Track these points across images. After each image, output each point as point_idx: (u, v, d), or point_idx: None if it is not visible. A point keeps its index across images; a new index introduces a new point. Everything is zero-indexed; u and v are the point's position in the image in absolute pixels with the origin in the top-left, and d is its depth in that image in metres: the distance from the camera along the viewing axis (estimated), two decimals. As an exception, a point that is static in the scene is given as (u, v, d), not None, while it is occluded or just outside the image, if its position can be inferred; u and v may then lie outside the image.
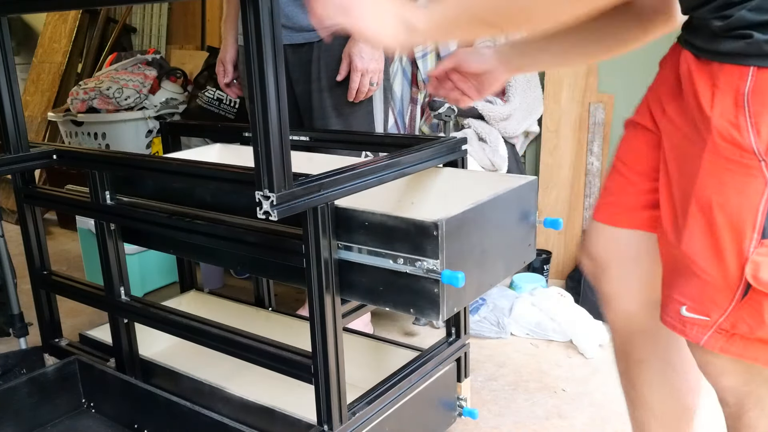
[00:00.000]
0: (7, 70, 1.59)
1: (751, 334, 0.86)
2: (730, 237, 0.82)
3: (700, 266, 0.88)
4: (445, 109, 2.20)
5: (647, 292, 1.13)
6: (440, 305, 1.12)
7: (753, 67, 0.77)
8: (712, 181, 0.83)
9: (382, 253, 1.16)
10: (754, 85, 0.78)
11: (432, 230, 1.09)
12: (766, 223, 0.79)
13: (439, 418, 1.58)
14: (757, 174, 0.79)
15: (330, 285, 1.20)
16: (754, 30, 0.76)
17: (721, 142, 0.81)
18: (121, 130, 3.08)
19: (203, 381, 1.53)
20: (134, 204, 1.53)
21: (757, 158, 0.78)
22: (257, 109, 1.04)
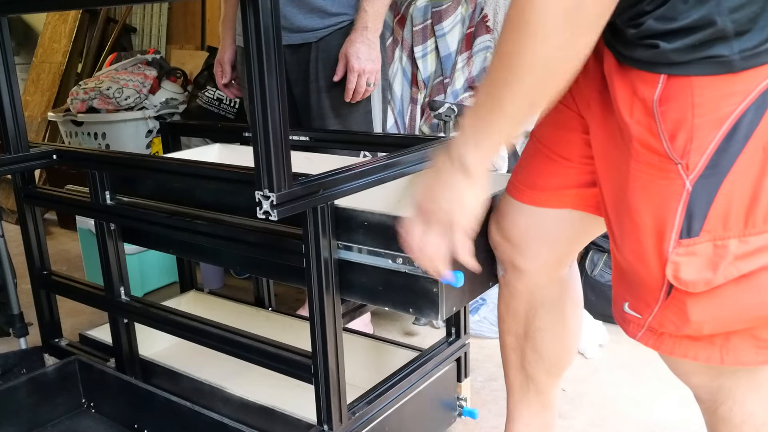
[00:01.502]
0: (7, 70, 1.59)
1: (677, 332, 0.88)
2: (653, 239, 0.84)
3: (633, 266, 0.90)
4: (445, 109, 2.20)
5: (559, 265, 1.18)
6: (439, 305, 1.12)
7: (663, 75, 0.79)
8: (637, 185, 0.85)
9: (382, 253, 1.16)
10: (663, 91, 0.79)
11: None
12: (684, 223, 0.81)
13: (439, 417, 1.58)
14: (675, 177, 0.81)
15: (330, 285, 1.20)
16: (660, 39, 0.77)
17: (640, 148, 0.83)
18: (121, 130, 3.08)
19: (203, 381, 1.53)
20: (134, 204, 1.53)
21: (673, 162, 0.80)
22: (257, 109, 1.04)
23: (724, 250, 0.80)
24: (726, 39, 0.75)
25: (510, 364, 1.33)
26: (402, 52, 2.57)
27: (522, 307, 1.24)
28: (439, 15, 2.49)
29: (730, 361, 0.89)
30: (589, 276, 2.27)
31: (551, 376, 1.32)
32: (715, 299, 0.83)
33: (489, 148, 0.87)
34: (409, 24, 2.55)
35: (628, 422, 1.72)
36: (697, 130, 0.78)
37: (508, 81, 0.80)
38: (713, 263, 0.81)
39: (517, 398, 1.36)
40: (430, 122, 2.48)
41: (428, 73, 2.54)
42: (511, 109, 0.82)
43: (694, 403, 1.25)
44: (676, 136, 0.80)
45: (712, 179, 0.79)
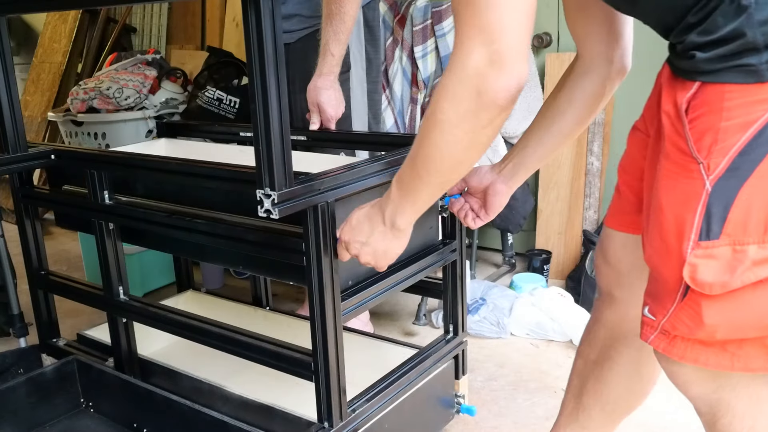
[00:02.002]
0: (5, 70, 1.59)
1: (690, 335, 0.88)
2: (675, 239, 0.86)
3: (655, 266, 0.92)
4: (445, 109, 2.20)
5: None
6: None
7: (698, 82, 0.83)
8: (664, 184, 0.88)
9: None
10: (696, 95, 0.84)
11: None
12: (703, 225, 0.83)
13: (438, 414, 1.59)
14: (696, 176, 0.83)
15: (330, 283, 1.20)
16: (697, 50, 0.83)
17: (670, 147, 0.87)
18: (121, 130, 3.08)
19: (202, 380, 1.53)
20: (133, 203, 1.53)
21: (696, 161, 0.83)
22: (258, 109, 1.04)
23: (743, 254, 0.81)
24: (756, 50, 0.78)
25: (570, 388, 1.35)
26: (402, 52, 2.57)
27: (603, 333, 1.26)
28: (439, 15, 2.49)
29: (739, 368, 0.89)
30: (589, 276, 2.26)
31: (604, 416, 1.31)
32: (731, 303, 0.83)
33: (413, 212, 1.04)
34: (409, 24, 2.55)
35: (628, 422, 1.71)
36: (723, 132, 0.81)
37: (423, 161, 0.95)
38: (731, 267, 0.82)
39: (562, 424, 1.37)
40: (430, 122, 2.48)
41: (428, 73, 2.54)
42: (426, 185, 0.98)
43: (694, 402, 1.26)
44: (702, 137, 0.82)
45: (731, 182, 0.81)
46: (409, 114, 2.56)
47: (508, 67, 0.82)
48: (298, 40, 1.92)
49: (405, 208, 1.03)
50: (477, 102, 0.84)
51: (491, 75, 0.82)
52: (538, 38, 2.60)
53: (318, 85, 1.77)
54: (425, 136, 0.93)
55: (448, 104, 0.87)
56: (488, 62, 0.82)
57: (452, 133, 0.89)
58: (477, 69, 0.82)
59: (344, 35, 1.75)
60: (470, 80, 0.83)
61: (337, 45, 1.75)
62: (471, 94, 0.84)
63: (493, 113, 0.85)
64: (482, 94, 0.83)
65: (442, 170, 0.95)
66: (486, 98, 0.84)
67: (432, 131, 0.91)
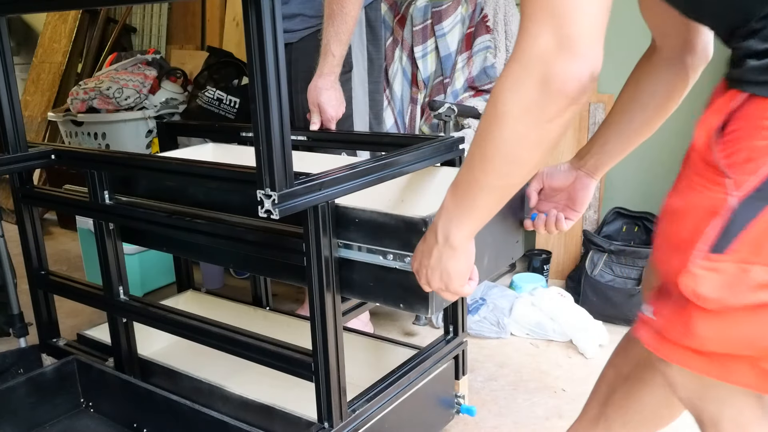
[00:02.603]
0: (5, 70, 1.59)
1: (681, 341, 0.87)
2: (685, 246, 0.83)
3: (661, 269, 0.90)
4: (445, 109, 2.20)
5: None
6: (429, 300, 1.14)
7: (745, 94, 0.79)
8: (684, 192, 0.85)
9: (374, 250, 1.17)
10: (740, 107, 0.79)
11: (420, 226, 1.10)
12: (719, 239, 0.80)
13: (438, 415, 1.59)
14: (719, 190, 0.80)
15: (330, 283, 1.20)
16: (752, 57, 0.78)
17: (695, 154, 0.84)
18: (121, 130, 3.08)
19: (202, 380, 1.53)
20: (133, 203, 1.53)
21: (723, 175, 0.80)
22: (259, 109, 1.04)
23: (746, 274, 0.78)
24: None
25: (595, 394, 1.32)
26: (402, 52, 2.57)
27: (640, 352, 1.21)
28: (439, 15, 2.49)
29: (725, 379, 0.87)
30: (589, 276, 2.27)
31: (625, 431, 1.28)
32: (725, 321, 0.81)
33: (470, 224, 0.93)
34: (409, 24, 2.55)
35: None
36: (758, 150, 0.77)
37: (480, 162, 0.85)
38: (732, 285, 0.79)
39: (581, 428, 1.34)
40: (430, 122, 2.48)
41: (428, 73, 2.54)
42: (484, 190, 0.88)
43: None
44: (736, 152, 0.79)
45: (756, 203, 0.77)
46: (409, 114, 2.56)
47: (579, 53, 0.74)
48: (301, 39, 1.92)
49: (461, 219, 0.93)
50: (543, 92, 0.76)
51: (560, 61, 0.74)
52: (538, 38, 2.60)
53: (318, 86, 1.77)
54: (483, 133, 0.84)
55: (510, 94, 0.78)
56: (557, 47, 0.74)
57: (514, 129, 0.80)
58: (543, 54, 0.75)
59: (345, 35, 1.75)
60: (536, 67, 0.75)
61: (338, 45, 1.75)
62: (536, 83, 0.76)
63: (561, 105, 0.76)
64: (549, 82, 0.75)
65: (503, 172, 0.85)
66: (553, 87, 0.75)
67: (491, 126, 0.82)
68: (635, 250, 2.25)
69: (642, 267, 2.21)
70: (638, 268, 2.22)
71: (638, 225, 2.46)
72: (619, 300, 2.20)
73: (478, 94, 2.47)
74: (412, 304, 1.16)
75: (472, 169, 0.88)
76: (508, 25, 2.49)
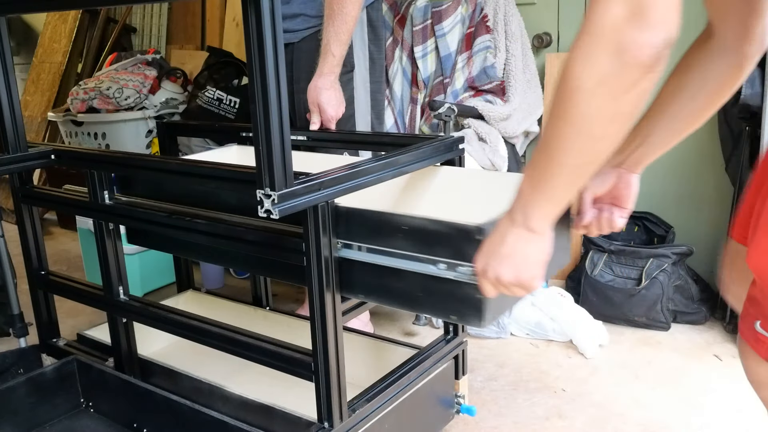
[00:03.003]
0: (5, 70, 1.59)
1: None
2: None
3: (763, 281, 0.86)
4: (445, 109, 2.20)
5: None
6: (483, 310, 1.08)
7: None
8: None
9: (423, 259, 1.12)
10: None
11: (475, 234, 1.04)
12: None
13: (438, 414, 1.59)
14: None
15: (330, 283, 1.20)
16: None
17: None
18: (121, 130, 3.08)
19: (202, 380, 1.53)
20: (133, 203, 1.53)
21: None
22: (259, 109, 1.04)
23: None
24: None
25: None
26: (402, 52, 2.57)
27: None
28: (439, 15, 2.49)
29: None
30: (589, 276, 2.26)
31: None
32: None
33: (549, 206, 0.89)
34: (409, 24, 2.55)
35: (628, 422, 1.72)
36: None
37: (556, 141, 0.82)
38: None
39: None
40: (430, 122, 2.48)
41: (428, 73, 2.54)
42: (562, 170, 0.84)
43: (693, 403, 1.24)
44: None
45: None
46: (409, 114, 2.56)
47: (652, 20, 0.72)
48: (302, 39, 1.92)
49: (539, 202, 0.88)
50: (617, 62, 0.74)
51: (632, 29, 0.72)
52: (538, 38, 2.60)
53: (318, 85, 1.77)
54: (557, 110, 0.81)
55: (582, 68, 0.76)
56: (629, 15, 0.72)
57: (589, 103, 0.77)
58: (615, 24, 0.73)
59: (345, 35, 1.75)
60: (608, 37, 0.73)
61: (338, 45, 1.75)
62: (609, 53, 0.74)
63: (636, 74, 0.74)
64: (622, 51, 0.73)
65: (580, 150, 0.82)
66: (627, 56, 0.73)
67: (565, 103, 0.79)
68: (635, 250, 2.25)
69: (642, 267, 2.21)
70: (638, 268, 2.22)
71: (638, 225, 2.46)
72: (619, 300, 2.20)
73: (478, 94, 2.47)
74: (464, 315, 1.11)
75: (548, 149, 0.84)
76: (508, 25, 2.49)
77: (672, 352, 2.05)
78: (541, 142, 0.87)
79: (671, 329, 2.18)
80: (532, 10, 2.60)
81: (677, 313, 2.22)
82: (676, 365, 1.98)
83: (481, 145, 2.34)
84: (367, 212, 1.18)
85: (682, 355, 2.03)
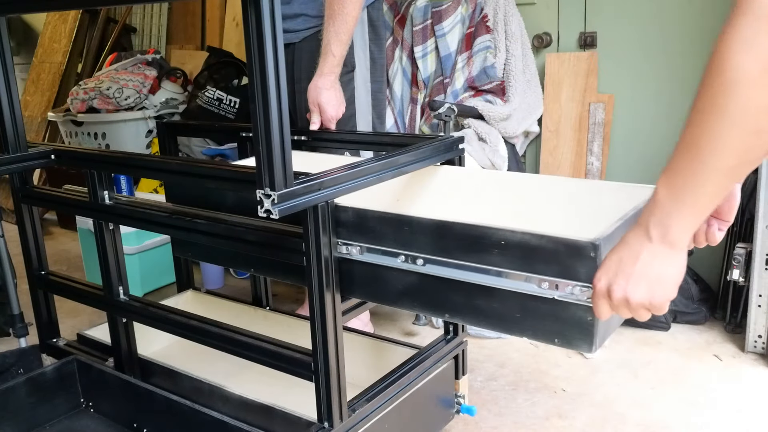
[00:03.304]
0: (5, 70, 1.59)
1: None
2: None
3: None
4: (445, 109, 2.20)
5: None
6: (594, 335, 0.99)
7: None
8: None
9: (527, 278, 1.03)
10: None
11: (589, 251, 0.95)
12: None
13: (438, 414, 1.59)
14: None
15: (330, 282, 1.20)
16: None
17: None
18: (121, 130, 3.08)
19: (202, 380, 1.53)
20: (133, 203, 1.53)
21: None
22: (258, 109, 1.04)
23: None
24: None
25: None
26: (402, 52, 2.57)
27: None
28: (439, 15, 2.49)
29: None
30: (589, 276, 2.26)
31: None
32: None
33: (693, 216, 0.81)
34: (409, 24, 2.55)
35: (628, 422, 1.72)
36: None
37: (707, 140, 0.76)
38: None
39: None
40: (430, 122, 2.48)
41: (428, 73, 2.54)
42: (712, 173, 0.77)
43: (693, 403, 1.25)
44: None
45: None
46: (409, 114, 2.56)
47: None
48: (303, 39, 1.92)
49: (682, 212, 0.80)
50: None
51: None
52: (538, 38, 2.60)
53: (318, 85, 1.77)
54: (708, 106, 0.74)
55: (744, 56, 0.69)
56: None
57: (752, 95, 0.70)
58: None
59: (346, 35, 1.75)
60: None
61: (339, 45, 1.75)
62: None
63: None
64: None
65: (737, 149, 0.74)
66: None
67: (720, 99, 0.72)
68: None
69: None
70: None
71: (638, 225, 2.45)
72: (619, 300, 2.20)
73: (478, 94, 2.47)
74: (570, 339, 1.01)
75: (696, 152, 0.76)
76: (508, 25, 2.49)
77: (672, 352, 2.05)
78: (683, 144, 0.79)
79: (671, 329, 2.19)
80: (532, 10, 2.60)
81: (677, 313, 2.22)
82: (676, 365, 1.98)
83: (481, 145, 2.34)
84: (458, 225, 1.07)
85: (682, 355, 2.04)
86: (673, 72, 2.34)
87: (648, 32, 2.37)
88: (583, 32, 2.52)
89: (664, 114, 2.39)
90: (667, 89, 2.37)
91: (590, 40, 2.49)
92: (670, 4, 2.32)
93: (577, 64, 2.51)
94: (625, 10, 2.41)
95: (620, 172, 2.54)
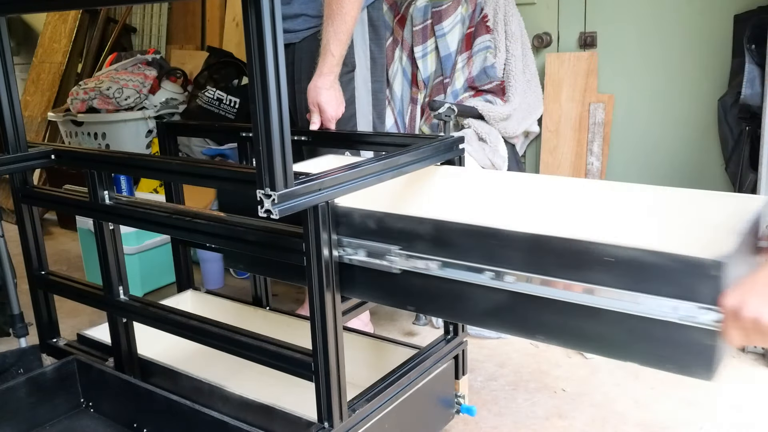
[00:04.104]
0: (5, 70, 1.59)
1: None
2: None
3: None
4: (445, 109, 2.20)
5: None
6: (714, 361, 0.92)
7: None
8: None
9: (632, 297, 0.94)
10: None
11: (710, 270, 0.87)
12: None
13: (438, 414, 1.59)
14: None
15: (330, 282, 1.20)
16: None
17: None
18: (121, 130, 3.08)
19: (202, 380, 1.53)
20: (133, 203, 1.53)
21: None
22: (258, 109, 1.04)
23: None
24: None
25: None
26: (402, 52, 2.57)
27: None
28: (439, 15, 2.49)
29: None
30: (589, 276, 2.26)
31: None
32: None
33: None
34: (409, 24, 2.55)
35: (628, 422, 1.72)
36: None
37: None
38: None
39: None
40: (430, 122, 2.48)
41: (428, 73, 2.54)
42: None
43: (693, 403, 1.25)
44: None
45: None
46: (409, 114, 2.56)
47: None
48: (303, 39, 1.92)
49: None
50: None
51: None
52: (538, 38, 2.60)
53: (318, 85, 1.77)
54: None
55: None
56: None
57: None
58: None
59: (344, 35, 1.75)
60: None
61: (338, 45, 1.75)
62: None
63: None
64: None
65: None
66: None
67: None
68: (635, 250, 2.25)
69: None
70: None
71: (638, 225, 2.46)
72: (619, 300, 2.20)
73: (478, 94, 2.47)
74: (686, 365, 0.95)
75: None
76: (508, 25, 2.49)
77: (672, 352, 2.05)
78: None
79: (671, 329, 2.18)
80: (532, 10, 2.60)
81: (677, 313, 2.21)
82: (676, 365, 1.98)
83: (481, 145, 2.34)
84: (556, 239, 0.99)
85: (682, 355, 2.03)
86: (672, 72, 2.34)
87: (648, 32, 2.37)
88: (583, 32, 2.52)
89: (664, 114, 2.39)
90: (667, 89, 2.37)
91: (590, 40, 2.49)
92: (670, 4, 2.32)
93: (577, 64, 2.51)
94: (625, 10, 2.41)
95: (620, 172, 2.54)
